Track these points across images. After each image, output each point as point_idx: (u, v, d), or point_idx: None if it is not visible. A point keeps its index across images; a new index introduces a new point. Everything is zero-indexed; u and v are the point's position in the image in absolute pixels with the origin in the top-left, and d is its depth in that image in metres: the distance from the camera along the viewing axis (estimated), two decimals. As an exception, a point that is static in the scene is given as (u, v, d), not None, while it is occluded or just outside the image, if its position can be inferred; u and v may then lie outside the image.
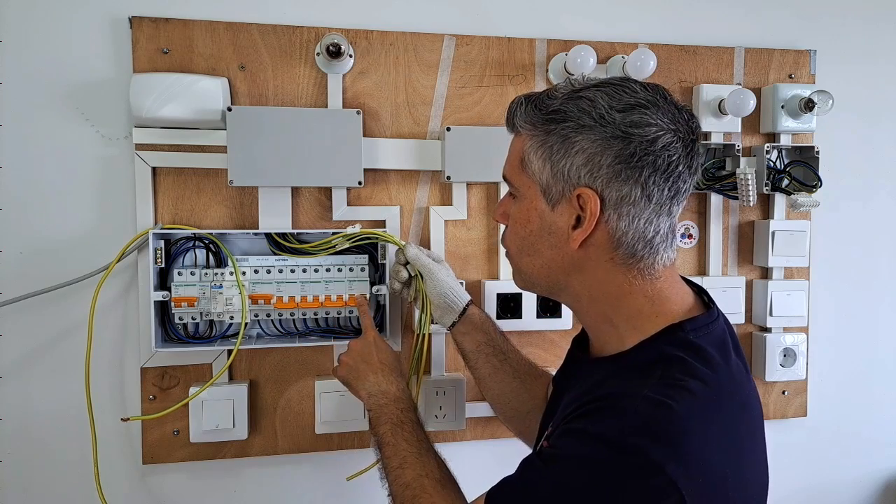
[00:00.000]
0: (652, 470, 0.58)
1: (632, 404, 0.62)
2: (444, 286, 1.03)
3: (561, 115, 0.69)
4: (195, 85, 1.06)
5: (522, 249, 0.76)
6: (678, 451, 0.59)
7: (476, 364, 1.04)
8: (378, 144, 1.15)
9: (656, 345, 0.69)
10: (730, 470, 0.63)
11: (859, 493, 1.46)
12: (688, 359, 0.66)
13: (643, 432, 0.59)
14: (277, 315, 1.12)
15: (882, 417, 1.45)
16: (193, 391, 1.09)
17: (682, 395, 0.62)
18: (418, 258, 1.04)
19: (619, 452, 0.59)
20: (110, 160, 1.10)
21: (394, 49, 1.17)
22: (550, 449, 0.66)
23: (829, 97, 1.26)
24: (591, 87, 0.69)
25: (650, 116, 0.66)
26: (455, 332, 1.04)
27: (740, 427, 0.67)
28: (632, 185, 0.67)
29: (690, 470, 0.59)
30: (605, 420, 0.62)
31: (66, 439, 1.10)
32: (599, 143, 0.67)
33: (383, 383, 0.94)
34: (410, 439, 0.85)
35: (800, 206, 1.26)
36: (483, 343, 1.03)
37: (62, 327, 1.10)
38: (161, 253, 1.08)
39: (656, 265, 0.71)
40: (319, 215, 1.16)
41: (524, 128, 0.73)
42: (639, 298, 0.71)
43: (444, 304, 1.03)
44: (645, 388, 0.63)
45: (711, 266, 1.30)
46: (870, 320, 1.43)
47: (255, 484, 1.19)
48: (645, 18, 1.28)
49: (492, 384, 1.04)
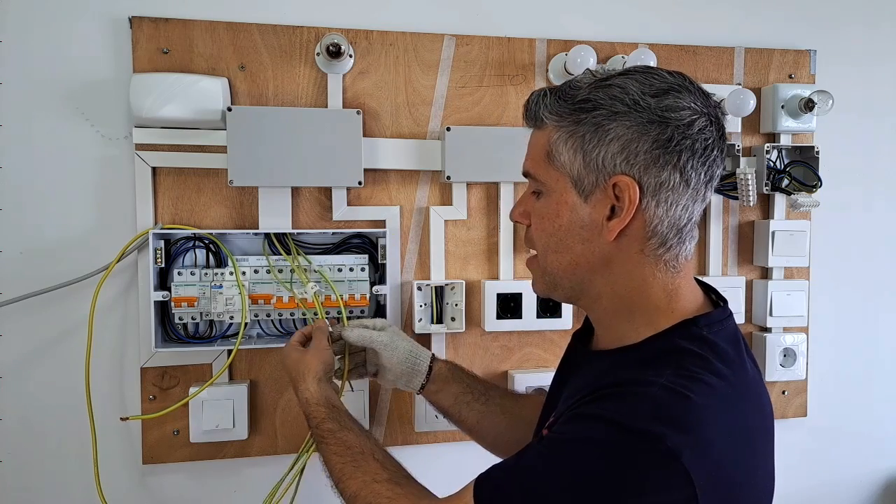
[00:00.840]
0: (668, 457, 0.56)
1: (648, 391, 0.60)
2: (403, 352, 0.99)
3: (591, 104, 0.66)
4: (195, 85, 1.06)
5: (549, 247, 0.72)
6: (695, 440, 0.58)
7: (460, 416, 0.99)
8: (378, 144, 1.15)
9: (669, 338, 0.68)
10: (742, 468, 0.62)
11: (859, 493, 1.46)
12: (703, 353, 0.65)
13: (661, 419, 0.58)
14: (277, 315, 1.12)
15: (882, 417, 1.45)
16: (193, 391, 1.09)
17: (699, 386, 0.61)
18: (363, 338, 0.98)
19: (634, 437, 0.57)
20: (110, 160, 1.10)
21: (394, 49, 1.17)
22: (554, 434, 0.64)
23: (829, 97, 1.26)
24: (617, 75, 0.68)
25: (683, 100, 0.65)
26: (427, 392, 1.00)
27: (755, 428, 0.66)
28: (670, 171, 0.65)
29: (705, 461, 0.58)
30: (619, 404, 0.61)
31: (66, 439, 1.10)
32: (635, 129, 0.65)
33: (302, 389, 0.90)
34: (339, 451, 0.82)
35: (800, 206, 1.26)
36: (460, 393, 0.99)
37: (62, 327, 1.10)
38: (161, 253, 1.08)
39: (679, 257, 0.70)
40: (319, 215, 1.16)
41: (550, 119, 0.69)
42: (658, 293, 0.70)
43: (409, 370, 0.98)
44: (661, 377, 0.61)
45: (711, 266, 1.30)
46: (870, 320, 1.43)
47: (255, 484, 1.19)
48: (645, 18, 1.28)
49: (484, 429, 0.99)
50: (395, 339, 0.99)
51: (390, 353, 0.98)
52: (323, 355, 0.94)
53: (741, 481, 0.62)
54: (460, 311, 1.17)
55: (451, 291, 1.19)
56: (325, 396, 0.90)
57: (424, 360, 1.00)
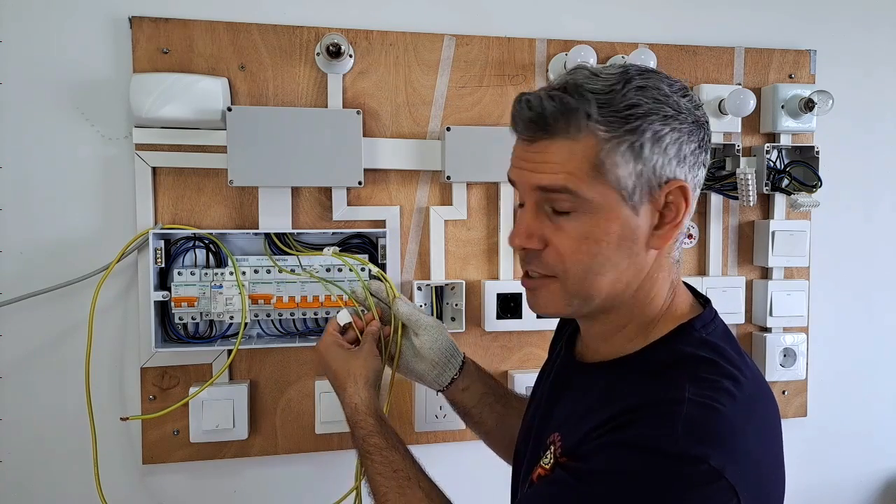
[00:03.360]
0: (712, 476, 0.54)
1: (679, 409, 0.57)
2: (445, 340, 0.94)
3: (642, 109, 0.61)
4: (195, 85, 1.06)
5: (591, 269, 0.64)
6: (733, 454, 0.56)
7: (481, 418, 0.96)
8: (378, 144, 1.15)
9: (671, 345, 0.66)
10: (773, 466, 0.62)
11: (859, 493, 1.46)
12: (712, 358, 0.63)
13: (698, 438, 0.56)
14: (277, 315, 1.12)
15: (882, 417, 1.45)
16: (193, 391, 1.09)
17: (722, 396, 0.59)
18: (413, 315, 0.94)
19: (676, 461, 0.55)
20: (110, 160, 1.10)
21: (394, 49, 1.17)
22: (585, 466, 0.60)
23: (829, 97, 1.26)
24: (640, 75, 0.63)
25: (695, 99, 0.65)
26: (453, 389, 0.95)
27: (775, 421, 0.66)
28: (702, 169, 0.66)
29: (746, 471, 0.57)
30: (654, 429, 0.57)
31: (66, 439, 1.10)
32: (685, 132, 0.63)
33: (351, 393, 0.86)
34: (385, 472, 0.78)
35: (800, 206, 1.26)
36: (485, 394, 0.96)
37: (62, 327, 1.10)
38: (161, 253, 1.08)
39: (677, 253, 0.69)
40: (319, 215, 1.16)
41: (596, 129, 0.61)
42: (664, 294, 0.68)
43: (444, 361, 0.94)
44: (684, 391, 0.59)
45: (711, 266, 1.30)
46: (870, 320, 1.43)
47: (255, 484, 1.19)
48: (645, 18, 1.28)
49: (501, 434, 0.96)
50: (441, 326, 0.95)
51: (434, 338, 0.93)
52: (374, 362, 0.89)
53: (774, 478, 0.62)
54: (460, 311, 1.17)
55: (451, 291, 1.19)
56: (375, 407, 0.85)
57: (459, 354, 0.96)
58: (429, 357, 0.93)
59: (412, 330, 0.95)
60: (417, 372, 0.96)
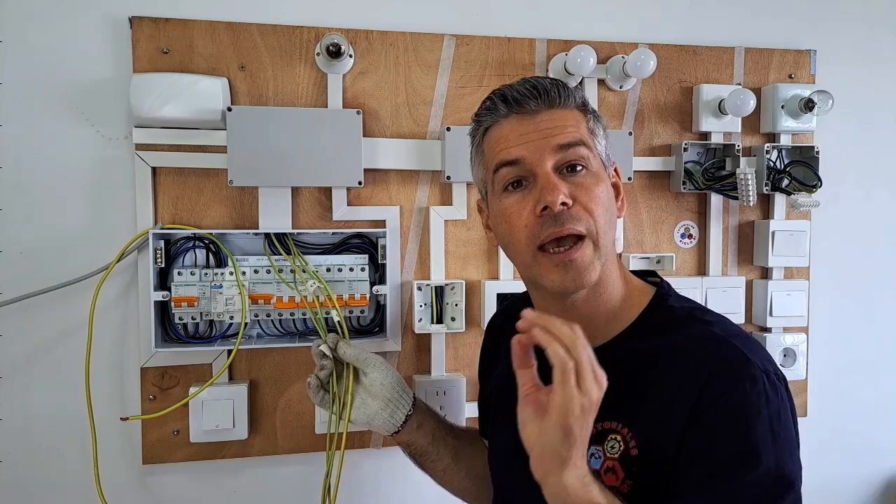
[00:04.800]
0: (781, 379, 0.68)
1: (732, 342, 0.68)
2: (395, 377, 0.91)
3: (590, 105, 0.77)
4: (195, 85, 1.06)
5: (608, 223, 0.72)
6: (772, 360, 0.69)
7: (438, 456, 0.93)
8: (378, 144, 1.15)
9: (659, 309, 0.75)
10: None
11: (859, 493, 1.46)
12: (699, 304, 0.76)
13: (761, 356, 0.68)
14: (277, 315, 1.12)
15: (882, 417, 1.45)
16: (193, 391, 1.09)
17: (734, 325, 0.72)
18: (359, 355, 0.90)
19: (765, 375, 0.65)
20: (110, 160, 1.10)
21: (394, 49, 1.17)
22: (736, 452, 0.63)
23: (829, 97, 1.26)
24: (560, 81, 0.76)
25: None
26: (407, 430, 0.90)
27: None
28: None
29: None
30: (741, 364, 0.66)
31: (66, 439, 1.10)
32: None
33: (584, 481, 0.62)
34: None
35: (800, 206, 1.26)
36: (436, 429, 0.94)
37: (62, 327, 1.10)
38: (161, 253, 1.08)
39: None
40: (319, 215, 1.16)
41: (582, 107, 0.75)
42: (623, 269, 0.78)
43: (396, 397, 0.90)
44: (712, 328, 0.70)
45: (711, 266, 1.30)
46: (870, 320, 1.43)
47: (255, 484, 1.19)
48: (645, 18, 1.28)
49: (456, 468, 0.94)
50: (385, 362, 0.92)
51: (384, 374, 0.90)
52: None
53: None
54: (460, 311, 1.17)
55: (451, 291, 1.19)
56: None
57: (410, 391, 0.93)
58: (381, 394, 0.89)
59: (361, 371, 0.92)
60: (370, 413, 0.90)
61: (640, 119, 1.27)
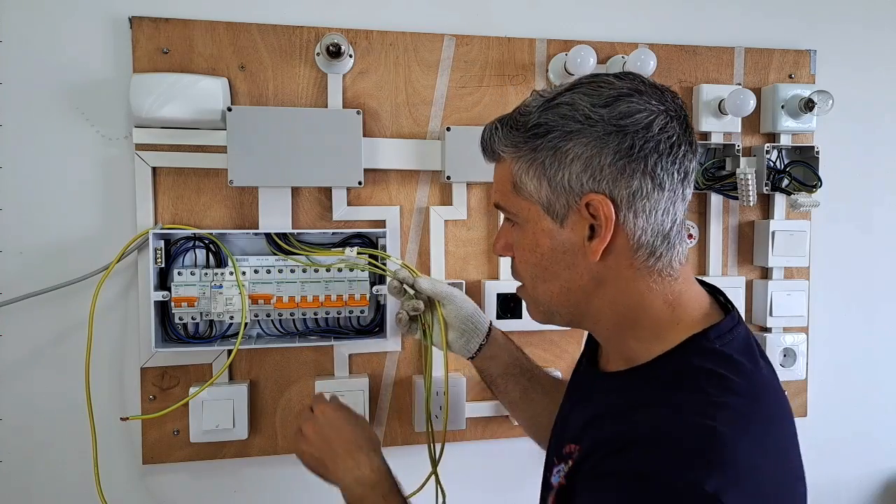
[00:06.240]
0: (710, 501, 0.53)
1: (673, 433, 0.57)
2: (469, 308, 0.96)
3: (544, 128, 0.64)
4: (195, 85, 1.06)
5: (537, 277, 0.70)
6: (733, 474, 0.55)
7: (506, 389, 0.98)
8: (378, 144, 1.15)
9: (681, 357, 0.65)
10: (779, 479, 0.60)
11: (859, 493, 1.46)
12: (718, 370, 0.62)
13: (693, 463, 0.55)
14: (277, 315, 1.12)
15: (882, 417, 1.45)
16: (193, 391, 1.09)
17: (720, 412, 0.58)
18: (435, 286, 0.96)
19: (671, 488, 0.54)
20: (110, 160, 1.10)
21: (394, 49, 1.17)
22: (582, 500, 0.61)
23: (829, 97, 1.26)
24: (563, 92, 0.65)
25: (636, 103, 0.63)
26: (480, 357, 0.97)
27: (782, 430, 0.64)
28: (640, 178, 0.63)
29: (746, 492, 0.55)
30: (645, 456, 0.57)
31: (66, 439, 1.10)
32: (594, 144, 0.62)
33: (354, 469, 0.84)
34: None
35: (800, 206, 1.26)
36: (510, 365, 0.98)
37: (62, 327, 1.10)
38: (161, 253, 1.08)
39: (673, 263, 0.67)
40: (319, 215, 1.16)
41: (506, 152, 0.69)
42: (659, 304, 0.67)
43: (471, 328, 0.96)
44: (679, 412, 0.59)
45: (711, 266, 1.30)
46: (870, 320, 1.43)
47: (255, 484, 1.19)
48: (645, 18, 1.28)
49: (524, 407, 0.98)
50: (462, 295, 0.98)
51: (458, 308, 0.96)
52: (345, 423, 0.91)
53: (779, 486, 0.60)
54: (460, 311, 1.17)
55: (451, 291, 1.19)
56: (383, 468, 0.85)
57: (485, 321, 0.98)
58: (456, 325, 0.96)
59: (439, 302, 0.98)
60: (449, 340, 0.98)
61: (640, 119, 1.27)
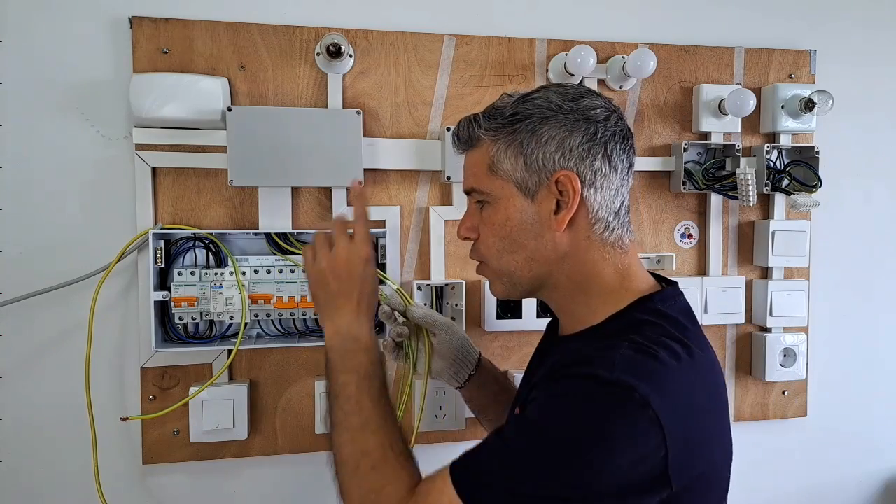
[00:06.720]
0: (642, 405, 0.61)
1: (617, 352, 0.65)
2: (460, 339, 0.98)
3: (521, 115, 0.75)
4: (195, 85, 1.06)
5: (503, 250, 0.78)
6: (663, 389, 0.63)
7: (496, 417, 1.00)
8: (378, 144, 1.15)
9: (628, 314, 0.73)
10: (703, 431, 0.67)
11: (859, 493, 1.46)
12: (661, 323, 0.71)
13: (633, 372, 0.63)
14: (277, 315, 1.12)
15: (882, 417, 1.45)
16: (193, 391, 1.09)
17: (663, 350, 0.66)
18: (429, 317, 0.97)
19: (609, 387, 0.62)
20: (110, 160, 1.10)
21: (394, 49, 1.17)
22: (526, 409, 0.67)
23: (829, 97, 1.26)
24: (534, 91, 0.77)
25: (597, 101, 0.76)
26: (469, 386, 1.00)
27: (715, 390, 0.72)
28: (601, 160, 0.74)
29: (675, 408, 0.63)
30: (591, 364, 0.65)
31: (66, 439, 1.10)
32: (566, 128, 0.73)
33: (355, 326, 0.83)
34: (376, 399, 0.78)
35: (800, 206, 1.26)
36: (499, 391, 1.01)
37: (62, 327, 1.10)
38: (161, 253, 1.08)
39: (624, 238, 0.77)
40: (319, 215, 1.16)
41: (486, 135, 0.77)
42: (610, 272, 0.76)
43: (461, 358, 0.98)
44: (626, 342, 0.67)
45: (711, 266, 1.30)
46: (869, 320, 1.43)
47: (255, 484, 1.19)
48: (645, 18, 1.28)
49: None
50: (455, 325, 0.99)
51: (450, 338, 0.97)
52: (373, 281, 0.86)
53: (701, 443, 0.67)
54: (460, 311, 1.17)
55: (452, 291, 1.19)
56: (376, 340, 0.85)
57: (475, 352, 1.00)
58: (447, 355, 0.98)
59: (430, 332, 0.99)
60: (437, 370, 0.99)
61: (640, 119, 1.27)
